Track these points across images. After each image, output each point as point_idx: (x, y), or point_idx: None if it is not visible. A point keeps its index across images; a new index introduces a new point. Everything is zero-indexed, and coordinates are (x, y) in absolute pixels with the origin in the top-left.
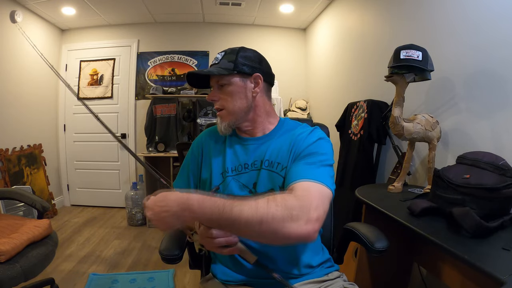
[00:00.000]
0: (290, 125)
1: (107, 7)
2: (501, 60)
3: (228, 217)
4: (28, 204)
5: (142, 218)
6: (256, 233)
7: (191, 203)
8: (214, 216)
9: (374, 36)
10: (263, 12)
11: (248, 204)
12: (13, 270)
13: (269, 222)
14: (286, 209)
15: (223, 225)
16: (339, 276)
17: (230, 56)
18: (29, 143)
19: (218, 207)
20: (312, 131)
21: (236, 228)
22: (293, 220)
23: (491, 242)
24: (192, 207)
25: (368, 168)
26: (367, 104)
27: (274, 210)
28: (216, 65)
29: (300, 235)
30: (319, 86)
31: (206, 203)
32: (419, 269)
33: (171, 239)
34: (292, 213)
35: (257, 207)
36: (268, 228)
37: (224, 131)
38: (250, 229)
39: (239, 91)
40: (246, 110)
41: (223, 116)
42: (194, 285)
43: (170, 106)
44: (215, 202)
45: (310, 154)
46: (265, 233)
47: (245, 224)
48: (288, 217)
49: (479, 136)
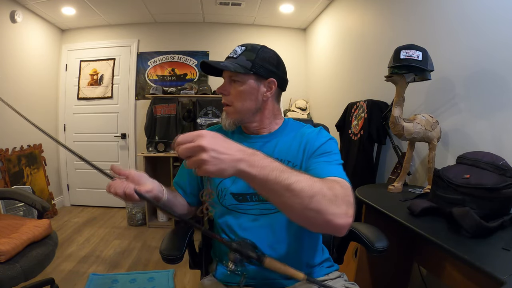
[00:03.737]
0: (295, 124)
1: (107, 7)
2: (501, 61)
3: (284, 180)
4: (28, 204)
5: (142, 218)
6: (303, 205)
7: (253, 157)
8: (271, 175)
9: (374, 36)
10: (263, 12)
11: (304, 175)
12: (13, 270)
13: (319, 200)
14: (334, 195)
15: (276, 188)
16: (339, 276)
17: (249, 54)
18: (29, 143)
19: (277, 168)
20: (320, 130)
21: (288, 195)
22: (338, 207)
23: (491, 242)
24: (253, 160)
25: (368, 168)
26: (367, 104)
27: (326, 190)
28: (233, 60)
29: (338, 224)
30: (319, 86)
31: (266, 160)
32: (419, 269)
33: (172, 239)
34: (337, 200)
35: (313, 181)
36: (316, 205)
37: (228, 127)
38: (299, 200)
39: (251, 92)
40: (253, 112)
41: (230, 112)
42: (194, 285)
43: (170, 106)
44: (274, 162)
45: (326, 153)
46: (311, 209)
47: (297, 193)
48: (334, 202)
49: (479, 136)
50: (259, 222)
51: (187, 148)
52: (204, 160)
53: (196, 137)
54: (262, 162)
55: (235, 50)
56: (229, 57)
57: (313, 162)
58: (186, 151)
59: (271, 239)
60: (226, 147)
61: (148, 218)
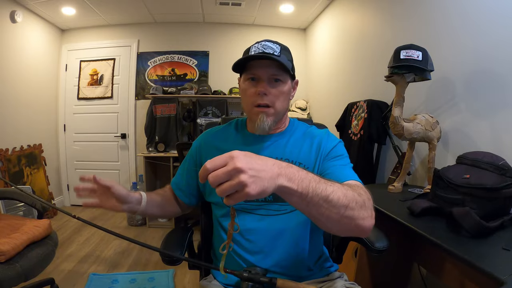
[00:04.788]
0: (301, 124)
1: (107, 7)
2: (501, 60)
3: (322, 192)
4: (28, 204)
5: (142, 218)
6: (339, 215)
7: (290, 169)
8: (310, 188)
9: (374, 36)
10: (263, 12)
11: (336, 184)
12: (13, 270)
13: (353, 207)
14: (363, 200)
15: (315, 200)
16: (339, 276)
17: (288, 54)
18: (29, 143)
19: (314, 179)
20: (327, 132)
21: (326, 206)
22: (366, 211)
23: (491, 242)
24: (291, 174)
25: (368, 168)
26: (367, 104)
27: (357, 197)
28: (276, 56)
29: (366, 227)
30: (319, 86)
31: (302, 172)
32: (419, 269)
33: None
34: (365, 205)
35: (345, 189)
36: (351, 213)
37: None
38: (336, 210)
39: (288, 93)
40: (284, 112)
41: (270, 114)
42: (194, 285)
43: (170, 106)
44: (309, 173)
45: (339, 156)
46: (346, 217)
47: (335, 203)
48: (364, 208)
49: (479, 136)
50: (264, 223)
51: (223, 174)
52: (244, 183)
53: (229, 159)
54: (299, 174)
55: (271, 46)
56: (270, 53)
57: (329, 166)
58: (221, 177)
59: (274, 241)
60: (262, 164)
61: (148, 218)
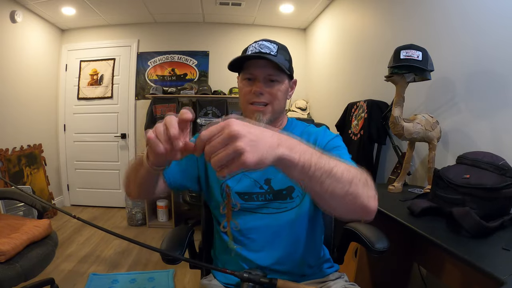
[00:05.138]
0: (299, 123)
1: (107, 7)
2: (501, 60)
3: (324, 165)
4: (28, 204)
5: (142, 218)
6: (344, 190)
7: (291, 141)
8: (313, 160)
9: (374, 36)
10: (263, 12)
11: (338, 160)
12: (13, 270)
13: (357, 184)
14: (365, 178)
15: (318, 174)
16: (340, 276)
17: (285, 54)
18: (29, 143)
19: (315, 153)
20: (325, 129)
21: (329, 181)
22: (370, 190)
23: (491, 242)
24: (292, 145)
25: (368, 168)
26: (367, 104)
27: (359, 174)
28: (273, 57)
29: (371, 207)
30: (319, 86)
31: (303, 145)
32: (419, 269)
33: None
34: (368, 183)
35: (348, 166)
36: (355, 189)
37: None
38: (341, 185)
39: (285, 92)
40: (281, 112)
41: (267, 112)
42: (194, 285)
43: (170, 106)
44: (310, 147)
45: (336, 147)
46: (351, 194)
47: (339, 178)
48: (367, 186)
49: (479, 136)
50: (264, 222)
51: (218, 143)
52: (241, 149)
53: (225, 125)
54: (300, 147)
55: (268, 46)
56: (266, 53)
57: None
58: (216, 146)
59: (275, 239)
60: (261, 131)
61: (148, 218)
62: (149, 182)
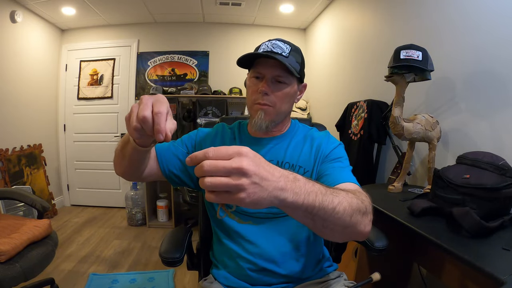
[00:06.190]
0: (302, 127)
1: (107, 7)
2: (501, 60)
3: (328, 204)
4: (28, 204)
5: (142, 218)
6: (344, 225)
7: (297, 183)
8: (317, 201)
9: (374, 36)
10: (263, 12)
11: (342, 194)
12: (13, 270)
13: (356, 216)
14: (365, 207)
15: (320, 214)
16: (339, 275)
17: (297, 56)
18: (29, 143)
19: (320, 191)
20: (328, 134)
21: (331, 219)
22: (367, 217)
23: (491, 242)
24: (297, 188)
25: (368, 168)
26: (367, 104)
27: (360, 204)
28: (283, 57)
29: (366, 232)
30: (319, 86)
31: (309, 185)
32: (419, 269)
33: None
34: (367, 210)
35: (350, 198)
36: (354, 221)
37: (264, 128)
38: (341, 222)
39: (292, 95)
40: (286, 114)
41: (269, 113)
42: (194, 285)
43: (170, 106)
44: (315, 184)
45: (338, 158)
46: (350, 226)
47: (341, 215)
48: (365, 214)
49: (479, 136)
50: (264, 225)
51: (223, 168)
52: (242, 188)
53: (236, 154)
54: (306, 187)
55: (280, 46)
56: (277, 53)
57: (328, 167)
58: (219, 170)
59: (275, 242)
60: (270, 172)
61: (148, 218)
62: (134, 160)
